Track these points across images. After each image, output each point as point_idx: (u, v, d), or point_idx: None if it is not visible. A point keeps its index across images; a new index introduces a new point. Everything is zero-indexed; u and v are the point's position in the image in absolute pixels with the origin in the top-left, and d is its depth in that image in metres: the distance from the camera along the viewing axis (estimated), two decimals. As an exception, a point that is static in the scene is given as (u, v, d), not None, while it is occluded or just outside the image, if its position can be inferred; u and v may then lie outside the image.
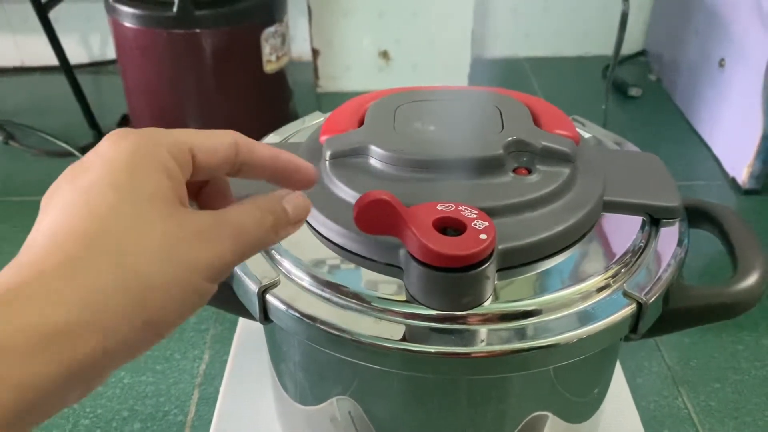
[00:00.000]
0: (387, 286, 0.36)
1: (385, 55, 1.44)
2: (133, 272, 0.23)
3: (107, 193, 0.24)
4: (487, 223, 0.34)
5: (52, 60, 1.22)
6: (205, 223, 0.26)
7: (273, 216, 0.29)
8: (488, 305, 0.35)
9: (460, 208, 0.34)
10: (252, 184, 0.31)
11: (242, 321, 0.65)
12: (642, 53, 1.60)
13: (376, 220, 0.32)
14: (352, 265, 0.37)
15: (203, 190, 0.31)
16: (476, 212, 0.34)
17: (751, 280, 0.40)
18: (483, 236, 0.33)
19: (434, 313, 0.35)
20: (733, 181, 1.14)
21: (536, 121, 0.44)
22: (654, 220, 0.42)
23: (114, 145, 0.26)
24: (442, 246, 0.32)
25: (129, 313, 0.23)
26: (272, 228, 0.29)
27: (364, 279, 0.37)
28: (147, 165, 0.25)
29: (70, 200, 0.24)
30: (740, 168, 1.12)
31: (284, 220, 0.29)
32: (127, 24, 1.06)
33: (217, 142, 0.28)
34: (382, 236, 0.33)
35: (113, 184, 0.24)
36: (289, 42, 1.19)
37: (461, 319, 0.35)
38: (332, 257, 0.38)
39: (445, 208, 0.34)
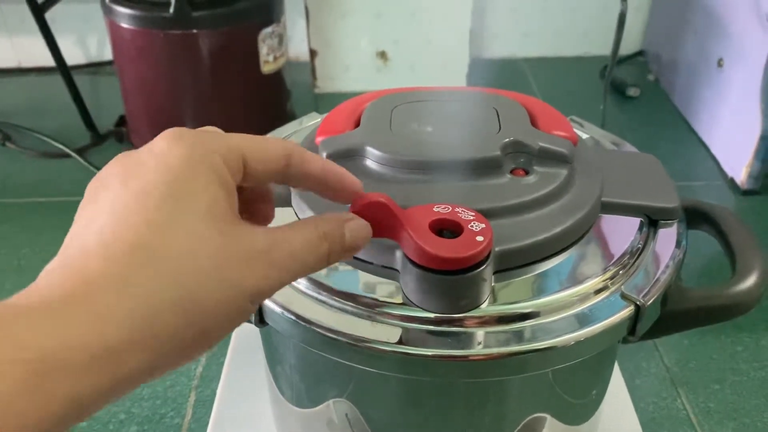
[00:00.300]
0: (383, 289, 0.36)
1: (383, 55, 1.43)
2: (187, 291, 0.23)
3: (165, 203, 0.24)
4: (483, 225, 0.33)
5: (49, 61, 1.22)
6: (259, 245, 0.25)
7: (329, 243, 0.28)
8: (485, 308, 0.35)
9: (457, 209, 0.34)
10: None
11: (239, 323, 0.65)
12: (640, 53, 1.60)
13: (372, 222, 0.32)
14: (348, 268, 0.37)
15: (244, 192, 0.30)
16: (473, 214, 0.34)
17: (750, 281, 0.40)
18: (480, 238, 0.33)
19: (431, 315, 0.34)
20: (731, 182, 1.14)
21: (534, 122, 0.44)
22: (652, 221, 0.42)
23: (170, 147, 0.25)
24: (438, 248, 0.32)
25: (179, 332, 0.23)
26: (326, 256, 0.28)
27: (360, 281, 0.36)
28: (204, 174, 0.25)
29: (124, 204, 0.24)
30: (739, 168, 1.12)
31: (340, 247, 0.28)
32: (124, 25, 1.06)
33: (270, 151, 0.28)
34: (377, 238, 0.33)
35: (171, 194, 0.24)
36: (286, 42, 1.18)
37: (458, 322, 0.35)
38: (328, 259, 0.38)
39: (441, 209, 0.34)
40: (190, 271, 0.23)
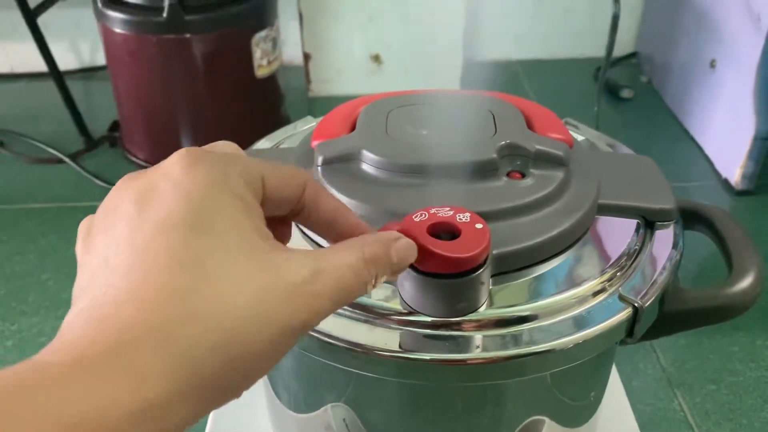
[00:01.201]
0: (381, 293, 0.36)
1: (376, 58, 1.44)
2: (231, 336, 0.21)
3: (192, 238, 0.22)
4: (481, 228, 0.33)
5: (42, 66, 1.21)
6: (301, 276, 0.23)
7: (377, 267, 0.26)
8: (483, 311, 0.35)
9: (454, 212, 0.34)
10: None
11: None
12: (633, 55, 1.61)
13: None
14: (344, 272, 0.37)
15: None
16: (470, 217, 0.34)
17: (746, 282, 0.40)
18: (477, 241, 0.32)
19: (429, 319, 0.34)
20: (725, 182, 1.14)
21: (529, 125, 0.44)
22: (649, 222, 0.42)
23: (186, 171, 0.23)
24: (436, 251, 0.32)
25: (224, 378, 0.21)
26: (372, 281, 0.26)
27: (358, 286, 0.36)
28: (228, 202, 0.23)
29: (146, 239, 0.22)
30: (733, 169, 1.13)
31: (388, 270, 0.26)
32: (117, 30, 1.05)
33: (288, 177, 0.26)
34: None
35: (196, 226, 0.22)
36: (280, 46, 1.18)
37: (456, 326, 0.34)
38: (325, 264, 0.37)
39: (438, 212, 0.34)
40: (232, 314, 0.21)
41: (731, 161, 1.13)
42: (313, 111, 0.49)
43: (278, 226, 0.29)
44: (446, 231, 0.34)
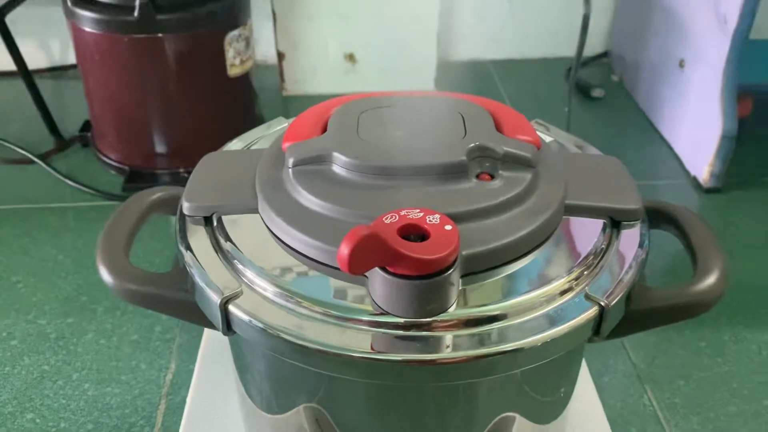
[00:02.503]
0: (351, 295, 0.36)
1: (351, 57, 1.43)
2: None
3: None
4: (450, 229, 0.34)
5: (10, 65, 1.19)
6: None
7: None
8: (453, 311, 0.35)
9: (424, 214, 0.34)
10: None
11: (208, 330, 0.64)
12: (605, 54, 1.62)
13: (368, 256, 0.32)
14: (315, 274, 0.37)
15: None
16: (440, 219, 0.34)
17: (711, 280, 0.41)
18: (446, 243, 0.33)
19: (399, 320, 0.35)
20: (694, 180, 1.16)
21: (498, 127, 0.44)
22: (615, 222, 0.42)
23: None
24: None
25: None
26: None
27: (328, 288, 0.36)
28: None
29: None
30: (701, 167, 1.15)
31: None
32: (87, 29, 1.04)
33: None
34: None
35: None
36: (253, 46, 1.18)
37: (426, 327, 0.35)
38: (295, 266, 0.38)
39: (408, 215, 0.34)
40: None
41: (700, 160, 1.15)
42: (287, 110, 0.49)
43: None
44: (416, 233, 0.34)
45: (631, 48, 1.48)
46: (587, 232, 0.41)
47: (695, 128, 1.18)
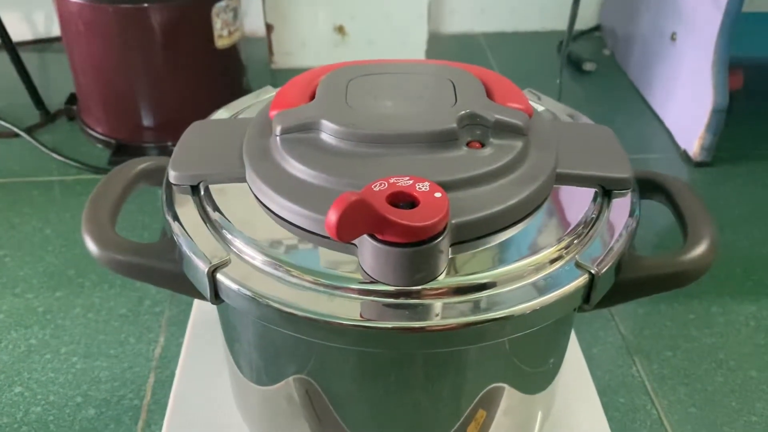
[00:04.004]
0: (340, 263, 0.36)
1: (340, 30, 1.42)
2: None
3: None
4: (440, 197, 0.33)
5: (-7, 37, 1.17)
6: None
7: None
8: (443, 279, 0.35)
9: (413, 182, 0.34)
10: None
11: (197, 302, 0.64)
12: (597, 28, 1.61)
13: (356, 223, 0.31)
14: (304, 243, 0.37)
15: None
16: (429, 186, 0.34)
17: (700, 249, 0.41)
18: (436, 210, 0.33)
19: (388, 288, 0.34)
20: (684, 154, 1.16)
21: (489, 95, 0.44)
22: (606, 191, 0.42)
23: None
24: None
25: None
26: None
27: (317, 256, 0.36)
28: None
29: None
30: (691, 141, 1.15)
31: None
32: (71, -1, 1.02)
33: None
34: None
35: None
36: (241, 17, 1.16)
37: (416, 294, 0.35)
38: (284, 235, 0.37)
39: (398, 182, 0.34)
40: None
41: (690, 133, 1.15)
42: (276, 83, 0.48)
43: None
44: (405, 200, 0.34)
45: (622, 22, 1.47)
46: (578, 200, 0.41)
47: (686, 102, 1.18)
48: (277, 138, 0.41)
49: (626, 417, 0.70)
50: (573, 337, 0.59)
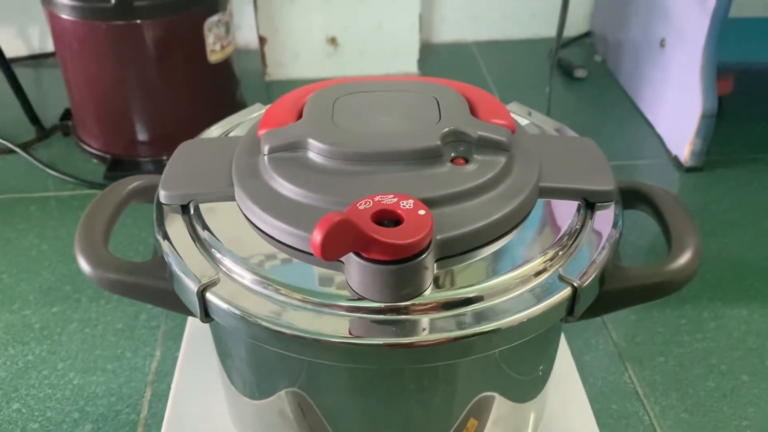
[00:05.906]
0: (328, 281, 0.36)
1: (333, 41, 1.43)
2: None
3: None
4: (423, 214, 0.34)
5: (-13, 54, 1.18)
6: None
7: None
8: (429, 294, 0.36)
9: (398, 200, 0.35)
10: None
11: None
12: (588, 35, 1.62)
13: (342, 242, 0.32)
14: (292, 261, 0.37)
15: None
16: (413, 204, 0.35)
17: (684, 259, 0.41)
18: (420, 227, 0.33)
19: (376, 305, 0.35)
20: (675, 159, 1.17)
21: (473, 111, 0.44)
22: (589, 204, 0.43)
23: None
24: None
25: None
26: None
27: (305, 274, 0.37)
28: None
29: None
30: (682, 146, 1.15)
31: None
32: (64, 16, 1.03)
33: None
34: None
35: None
36: (234, 31, 1.17)
37: (403, 310, 0.35)
38: (272, 253, 0.38)
39: (382, 200, 0.35)
40: None
41: (681, 139, 1.16)
42: (270, 95, 0.49)
43: None
44: (390, 218, 0.34)
45: (613, 28, 1.48)
46: (562, 213, 0.41)
47: (676, 108, 1.19)
48: (265, 157, 0.41)
49: (618, 423, 0.70)
50: (563, 344, 0.60)
